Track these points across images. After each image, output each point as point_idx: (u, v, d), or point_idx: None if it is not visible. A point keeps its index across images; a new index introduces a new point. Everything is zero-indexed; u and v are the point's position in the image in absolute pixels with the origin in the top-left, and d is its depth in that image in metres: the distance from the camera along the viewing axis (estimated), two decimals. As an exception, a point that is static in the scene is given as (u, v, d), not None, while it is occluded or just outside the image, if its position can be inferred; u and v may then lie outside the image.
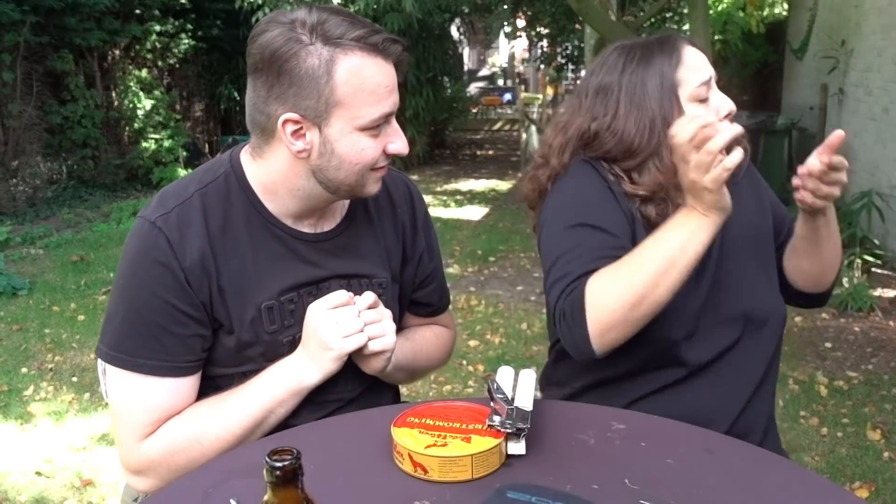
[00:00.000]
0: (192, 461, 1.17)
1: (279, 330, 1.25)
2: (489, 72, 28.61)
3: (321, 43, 1.11)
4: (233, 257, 1.22)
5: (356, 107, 1.13)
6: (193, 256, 1.18)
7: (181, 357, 1.20)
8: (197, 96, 10.88)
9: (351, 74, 1.12)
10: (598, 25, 5.08)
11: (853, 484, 2.71)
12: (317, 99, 1.13)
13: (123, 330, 1.19)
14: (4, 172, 7.89)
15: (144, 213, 1.22)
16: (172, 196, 1.23)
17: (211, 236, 1.20)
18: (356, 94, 1.13)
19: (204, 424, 1.18)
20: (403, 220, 1.41)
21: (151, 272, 1.18)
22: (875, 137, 5.93)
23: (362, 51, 1.12)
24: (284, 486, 0.70)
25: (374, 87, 1.13)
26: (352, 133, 1.15)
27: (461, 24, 14.38)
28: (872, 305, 4.42)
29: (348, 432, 1.14)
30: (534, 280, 5.36)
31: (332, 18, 1.13)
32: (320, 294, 1.25)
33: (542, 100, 10.53)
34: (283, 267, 1.25)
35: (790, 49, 8.17)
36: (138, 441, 1.19)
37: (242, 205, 1.23)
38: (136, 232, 1.21)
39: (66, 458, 2.95)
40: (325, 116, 1.14)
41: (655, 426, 1.14)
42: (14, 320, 4.63)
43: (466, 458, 0.98)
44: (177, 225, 1.19)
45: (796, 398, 3.38)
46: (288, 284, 1.25)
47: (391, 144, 1.19)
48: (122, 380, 1.19)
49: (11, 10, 7.54)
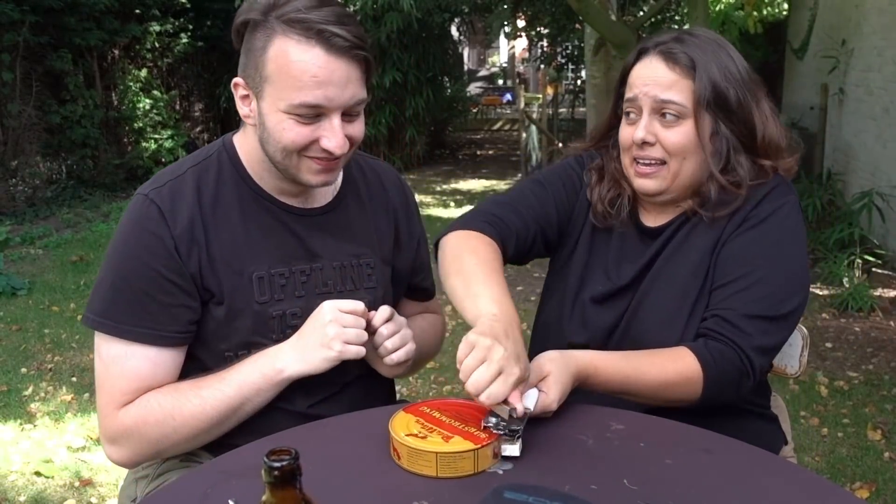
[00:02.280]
0: (165, 436, 1.20)
1: (269, 302, 1.27)
2: (489, 72, 28.63)
3: (274, 20, 1.15)
4: (223, 228, 1.25)
5: (280, 88, 1.16)
6: (183, 224, 1.22)
7: (166, 326, 1.22)
8: (196, 96, 10.88)
9: (279, 54, 1.15)
10: (598, 25, 5.08)
11: (853, 484, 2.71)
12: (254, 70, 1.18)
13: (111, 296, 1.22)
14: (4, 172, 7.89)
15: (140, 189, 1.27)
16: (168, 173, 1.29)
17: (202, 207, 1.25)
18: (280, 75, 1.15)
19: (180, 400, 1.20)
20: (395, 204, 1.44)
21: (142, 240, 1.21)
22: (875, 137, 5.92)
23: (299, 35, 1.14)
24: (283, 487, 0.70)
25: (299, 73, 1.14)
26: (277, 112, 1.17)
27: (461, 24, 14.38)
28: (873, 305, 4.42)
29: (347, 432, 1.14)
30: (534, 280, 5.36)
31: (297, 0, 1.15)
32: (313, 275, 1.30)
33: (543, 100, 10.51)
34: (273, 239, 1.28)
35: (790, 49, 8.17)
36: (116, 409, 1.22)
37: (233, 179, 1.28)
38: (130, 206, 1.26)
39: (65, 458, 2.94)
40: (259, 89, 1.18)
41: (654, 426, 1.14)
42: (13, 320, 4.62)
43: (431, 455, 0.99)
44: (169, 196, 1.24)
45: (796, 398, 3.37)
46: (278, 257, 1.28)
47: (324, 139, 1.18)
48: (105, 347, 1.22)
49: (11, 10, 7.54)
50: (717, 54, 1.29)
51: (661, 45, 1.30)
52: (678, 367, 1.19)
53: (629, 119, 1.32)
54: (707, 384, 1.19)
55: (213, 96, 10.85)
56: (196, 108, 10.94)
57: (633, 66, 1.33)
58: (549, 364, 1.13)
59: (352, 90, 1.17)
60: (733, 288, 1.25)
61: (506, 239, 1.34)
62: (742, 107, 1.29)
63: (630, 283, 1.35)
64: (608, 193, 1.39)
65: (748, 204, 1.29)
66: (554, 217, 1.42)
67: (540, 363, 1.13)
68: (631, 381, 1.18)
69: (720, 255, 1.29)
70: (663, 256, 1.34)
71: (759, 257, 1.26)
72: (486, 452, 1.01)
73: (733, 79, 1.28)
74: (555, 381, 1.11)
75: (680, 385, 1.19)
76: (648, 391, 1.20)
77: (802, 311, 1.29)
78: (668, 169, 1.29)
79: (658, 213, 1.38)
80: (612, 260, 1.38)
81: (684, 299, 1.29)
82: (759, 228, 1.28)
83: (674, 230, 1.35)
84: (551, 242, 1.44)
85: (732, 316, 1.22)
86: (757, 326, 1.21)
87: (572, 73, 14.06)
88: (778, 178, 1.32)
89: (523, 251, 1.39)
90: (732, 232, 1.29)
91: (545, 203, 1.41)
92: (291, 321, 1.27)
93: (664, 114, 1.28)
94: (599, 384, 1.18)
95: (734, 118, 1.29)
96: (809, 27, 7.44)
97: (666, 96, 1.27)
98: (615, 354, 1.22)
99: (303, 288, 1.30)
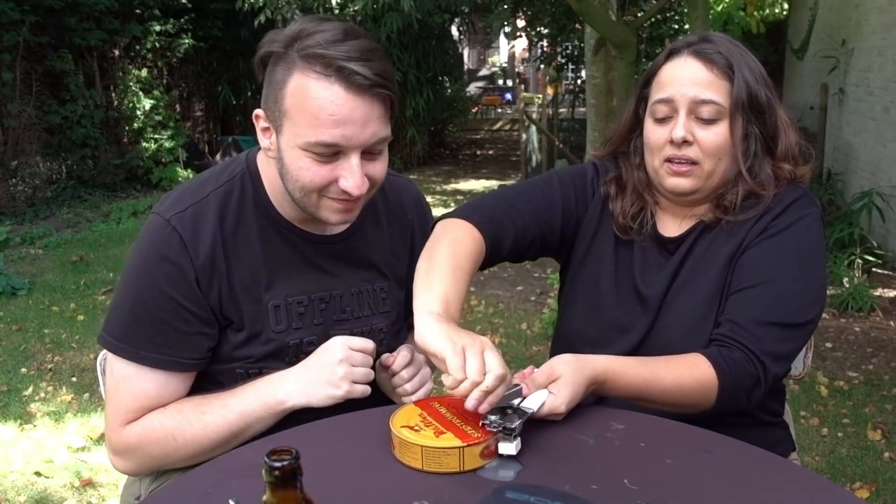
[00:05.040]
0: (167, 455, 1.22)
1: (286, 331, 1.26)
2: (489, 72, 28.62)
3: (295, 53, 1.12)
4: (244, 255, 1.24)
5: (297, 124, 1.12)
6: (205, 254, 1.20)
7: (183, 353, 1.22)
8: (197, 96, 10.88)
9: (297, 90, 1.12)
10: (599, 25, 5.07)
11: (853, 484, 2.71)
12: (274, 103, 1.15)
13: (129, 321, 1.21)
14: (4, 172, 7.89)
15: (160, 209, 1.24)
16: (189, 195, 1.25)
17: (224, 233, 1.23)
18: (298, 111, 1.12)
19: (182, 423, 1.21)
20: (413, 225, 1.42)
21: (162, 269, 1.19)
22: (875, 137, 5.92)
23: (319, 71, 1.10)
24: (283, 487, 0.69)
25: (316, 110, 1.10)
26: (294, 148, 1.14)
27: (461, 24, 14.37)
28: (873, 305, 4.42)
29: (348, 432, 1.14)
30: (534, 280, 5.36)
31: (320, 34, 1.11)
32: (332, 302, 1.29)
33: (543, 100, 10.52)
34: (293, 269, 1.27)
35: (790, 49, 8.18)
36: (121, 425, 1.22)
37: (255, 205, 1.26)
38: (149, 227, 1.23)
39: (65, 458, 2.94)
40: (279, 123, 1.15)
41: (654, 426, 1.14)
42: (13, 320, 4.62)
43: (417, 448, 1.00)
44: (191, 223, 1.21)
45: (797, 398, 3.37)
46: (297, 287, 1.27)
47: (342, 179, 1.15)
48: (118, 366, 1.22)
49: (11, 10, 7.54)
50: (744, 56, 1.29)
51: (694, 46, 1.29)
52: (694, 373, 1.18)
53: (660, 120, 1.30)
54: (721, 391, 1.18)
55: (213, 96, 10.86)
56: (196, 108, 10.94)
57: (663, 66, 1.32)
58: (562, 366, 1.11)
59: (372, 129, 1.13)
60: (749, 294, 1.24)
61: (501, 238, 1.33)
62: (771, 109, 1.29)
63: (657, 295, 1.33)
64: (631, 208, 1.37)
65: (770, 213, 1.28)
66: (558, 222, 1.40)
67: (552, 365, 1.12)
68: (649, 386, 1.17)
69: (738, 261, 1.28)
70: (687, 268, 1.33)
71: (778, 266, 1.25)
72: (473, 452, 1.00)
73: (762, 81, 1.29)
74: (565, 384, 1.09)
75: (695, 392, 1.18)
76: (664, 397, 1.18)
77: (817, 323, 1.28)
78: (702, 168, 1.28)
79: (676, 221, 1.37)
80: (637, 272, 1.37)
81: (709, 311, 1.28)
82: (780, 238, 1.27)
83: (693, 240, 1.34)
84: (551, 245, 1.43)
85: (747, 321, 1.21)
86: (771, 333, 1.21)
87: (572, 73, 14.03)
88: (801, 190, 1.32)
89: (520, 250, 1.38)
90: (753, 240, 1.28)
91: (552, 206, 1.40)
92: (307, 348, 1.27)
93: (700, 114, 1.27)
94: (618, 389, 1.16)
95: (763, 120, 1.29)
96: (809, 27, 7.45)
97: (705, 96, 1.26)
98: (632, 359, 1.20)
99: (321, 316, 1.30)
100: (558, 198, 1.41)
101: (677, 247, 1.35)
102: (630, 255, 1.38)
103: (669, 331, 1.31)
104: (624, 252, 1.39)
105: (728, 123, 1.27)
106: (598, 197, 1.43)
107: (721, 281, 1.29)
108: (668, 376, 1.18)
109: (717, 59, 1.27)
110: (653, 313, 1.33)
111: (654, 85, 1.33)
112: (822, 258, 1.30)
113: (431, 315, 1.07)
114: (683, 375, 1.18)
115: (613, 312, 1.36)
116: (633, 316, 1.35)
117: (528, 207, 1.38)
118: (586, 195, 1.43)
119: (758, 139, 1.29)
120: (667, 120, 1.29)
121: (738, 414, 1.25)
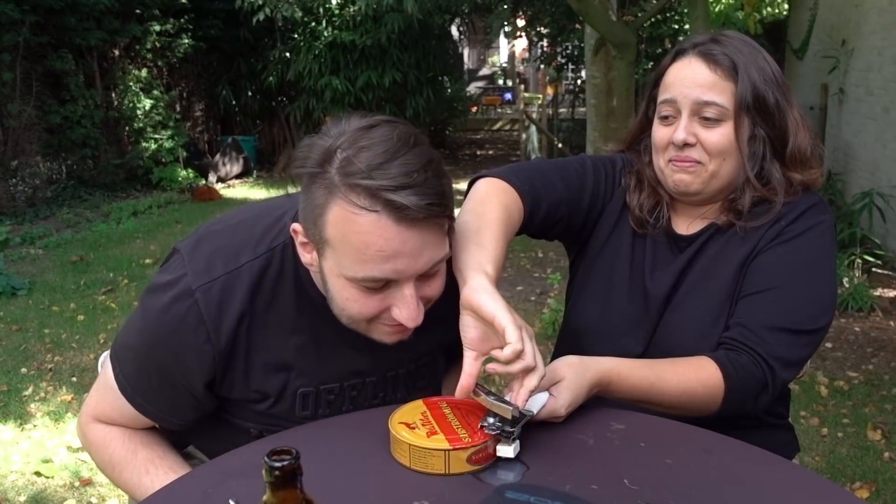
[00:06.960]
0: (106, 473, 1.27)
1: (310, 416, 1.20)
2: (489, 71, 28.61)
3: (336, 175, 0.96)
4: (273, 335, 1.14)
5: (342, 255, 0.99)
6: (228, 335, 1.11)
7: (176, 415, 1.21)
8: (196, 96, 10.88)
9: (340, 221, 0.97)
10: (598, 25, 5.07)
11: (853, 484, 2.71)
12: (313, 225, 1.01)
13: (133, 372, 1.18)
14: (4, 172, 7.89)
15: (186, 264, 1.12)
16: (221, 261, 1.12)
17: (254, 312, 1.12)
18: (342, 244, 0.98)
19: (127, 464, 1.22)
20: None
21: (183, 345, 1.11)
22: (875, 137, 5.92)
23: (363, 204, 0.94)
24: (283, 487, 0.69)
25: (361, 246, 0.96)
26: (340, 278, 1.02)
27: (461, 24, 14.37)
28: (873, 305, 4.42)
29: (348, 432, 1.14)
30: (534, 280, 5.36)
31: (364, 153, 0.95)
32: (364, 389, 1.22)
33: (543, 100, 10.53)
34: (329, 355, 1.18)
35: (790, 49, 8.17)
36: (93, 418, 1.25)
37: (293, 284, 1.14)
38: (172, 287, 1.11)
39: (65, 458, 2.94)
40: (321, 248, 1.02)
41: (655, 426, 1.14)
42: (13, 320, 4.62)
43: (405, 445, 1.01)
44: (218, 300, 1.10)
45: (797, 398, 3.37)
46: (331, 374, 1.19)
47: (395, 309, 1.03)
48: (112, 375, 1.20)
49: (11, 10, 7.54)
50: (755, 57, 1.28)
51: (700, 47, 1.29)
52: (700, 375, 1.17)
53: (665, 120, 1.30)
54: (728, 395, 1.17)
55: (213, 96, 10.86)
56: (196, 108, 10.94)
57: (670, 67, 1.32)
58: (565, 369, 1.10)
59: (428, 256, 1.00)
60: (760, 299, 1.24)
61: (535, 210, 1.31)
62: (779, 110, 1.28)
63: (662, 293, 1.33)
64: (648, 201, 1.37)
65: (784, 219, 1.28)
66: (585, 205, 1.39)
67: (556, 367, 1.10)
68: (655, 388, 1.16)
69: (750, 265, 1.28)
70: (696, 269, 1.33)
71: (790, 272, 1.24)
72: (459, 456, 0.99)
73: (771, 82, 1.27)
74: (567, 386, 1.08)
75: (700, 394, 1.17)
76: (669, 400, 1.17)
77: (826, 331, 1.28)
78: (706, 168, 1.28)
79: (690, 220, 1.36)
80: (648, 268, 1.37)
81: (719, 314, 1.28)
82: (793, 244, 1.26)
83: (705, 240, 1.33)
84: (573, 228, 1.41)
85: (756, 326, 1.21)
86: (781, 338, 1.20)
87: (572, 73, 14.03)
88: (816, 198, 1.31)
89: (546, 226, 1.36)
90: (766, 245, 1.28)
91: (584, 188, 1.39)
92: None
93: (704, 115, 1.26)
94: (623, 392, 1.15)
95: (771, 122, 1.28)
96: (809, 27, 7.44)
97: (707, 97, 1.26)
98: (638, 361, 1.19)
99: (351, 403, 1.22)
100: (590, 181, 1.40)
101: (688, 245, 1.35)
102: (643, 250, 1.38)
103: (678, 332, 1.30)
104: (639, 247, 1.39)
105: (732, 125, 1.26)
106: (622, 188, 1.42)
107: (732, 285, 1.28)
108: (673, 379, 1.17)
109: (722, 59, 1.26)
110: (657, 311, 1.33)
111: (661, 85, 1.33)
112: (834, 266, 1.30)
113: (487, 277, 1.03)
114: (690, 378, 1.17)
115: (624, 307, 1.36)
116: (640, 313, 1.34)
117: (563, 184, 1.37)
118: (613, 184, 1.43)
119: (765, 141, 1.28)
120: (671, 121, 1.30)
121: (744, 416, 1.25)
